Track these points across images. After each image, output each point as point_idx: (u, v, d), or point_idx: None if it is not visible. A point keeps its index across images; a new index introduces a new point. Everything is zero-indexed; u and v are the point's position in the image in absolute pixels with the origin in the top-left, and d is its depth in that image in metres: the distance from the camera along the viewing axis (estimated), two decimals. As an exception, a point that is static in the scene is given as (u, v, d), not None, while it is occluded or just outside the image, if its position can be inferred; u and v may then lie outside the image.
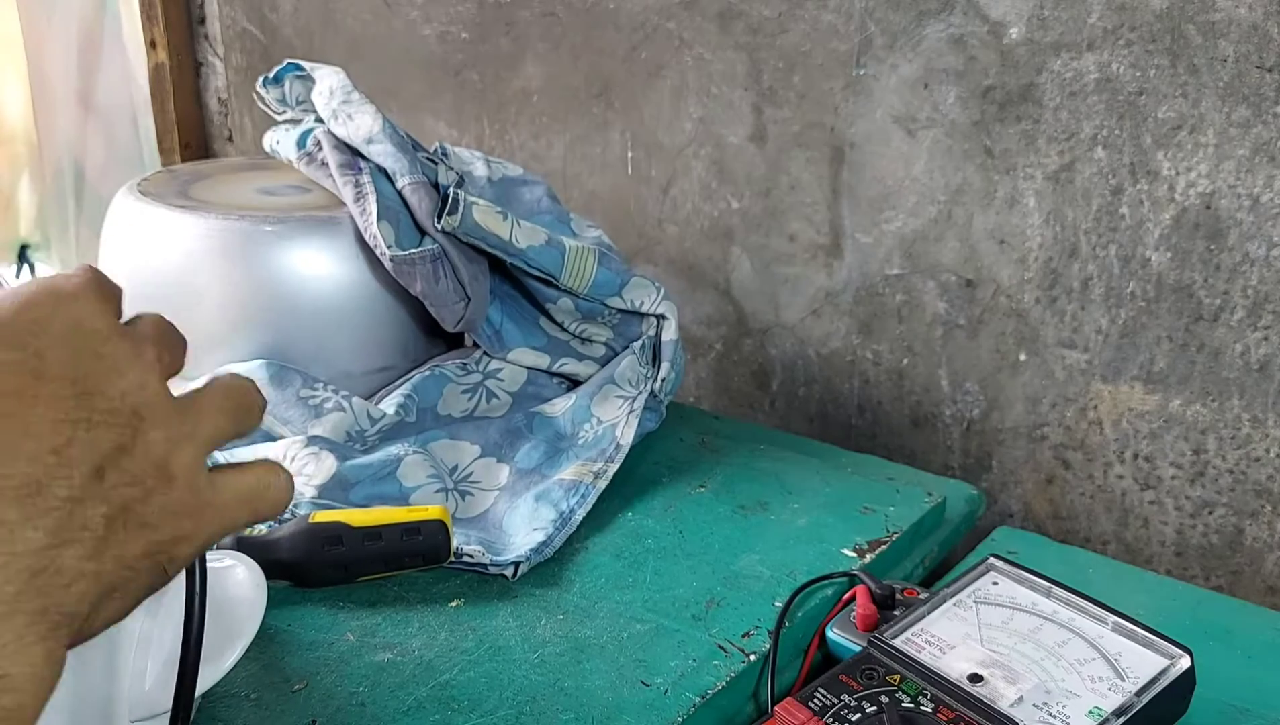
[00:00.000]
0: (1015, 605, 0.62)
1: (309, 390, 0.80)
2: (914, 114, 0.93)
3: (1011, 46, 0.87)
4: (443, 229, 0.81)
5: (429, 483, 0.76)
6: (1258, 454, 0.84)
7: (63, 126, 1.50)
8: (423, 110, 1.28)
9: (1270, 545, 0.85)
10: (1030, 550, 0.77)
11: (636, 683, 0.60)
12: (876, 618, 0.64)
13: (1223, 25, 0.78)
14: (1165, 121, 0.82)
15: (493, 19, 1.18)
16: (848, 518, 0.76)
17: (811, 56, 0.98)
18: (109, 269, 0.88)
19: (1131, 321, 0.87)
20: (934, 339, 0.97)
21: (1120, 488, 0.91)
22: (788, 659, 0.65)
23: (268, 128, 0.98)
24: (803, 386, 1.07)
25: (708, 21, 1.03)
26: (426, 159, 0.88)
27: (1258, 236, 0.80)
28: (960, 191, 0.92)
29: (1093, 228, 0.87)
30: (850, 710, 0.55)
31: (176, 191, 0.88)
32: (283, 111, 0.96)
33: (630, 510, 0.77)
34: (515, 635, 0.64)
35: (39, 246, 1.52)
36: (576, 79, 1.14)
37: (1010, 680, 0.57)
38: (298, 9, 1.39)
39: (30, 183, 1.50)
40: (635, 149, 1.12)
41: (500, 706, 0.58)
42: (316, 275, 0.82)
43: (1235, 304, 0.82)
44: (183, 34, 1.52)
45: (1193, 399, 0.85)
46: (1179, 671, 0.57)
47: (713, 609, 0.67)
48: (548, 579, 0.69)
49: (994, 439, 0.96)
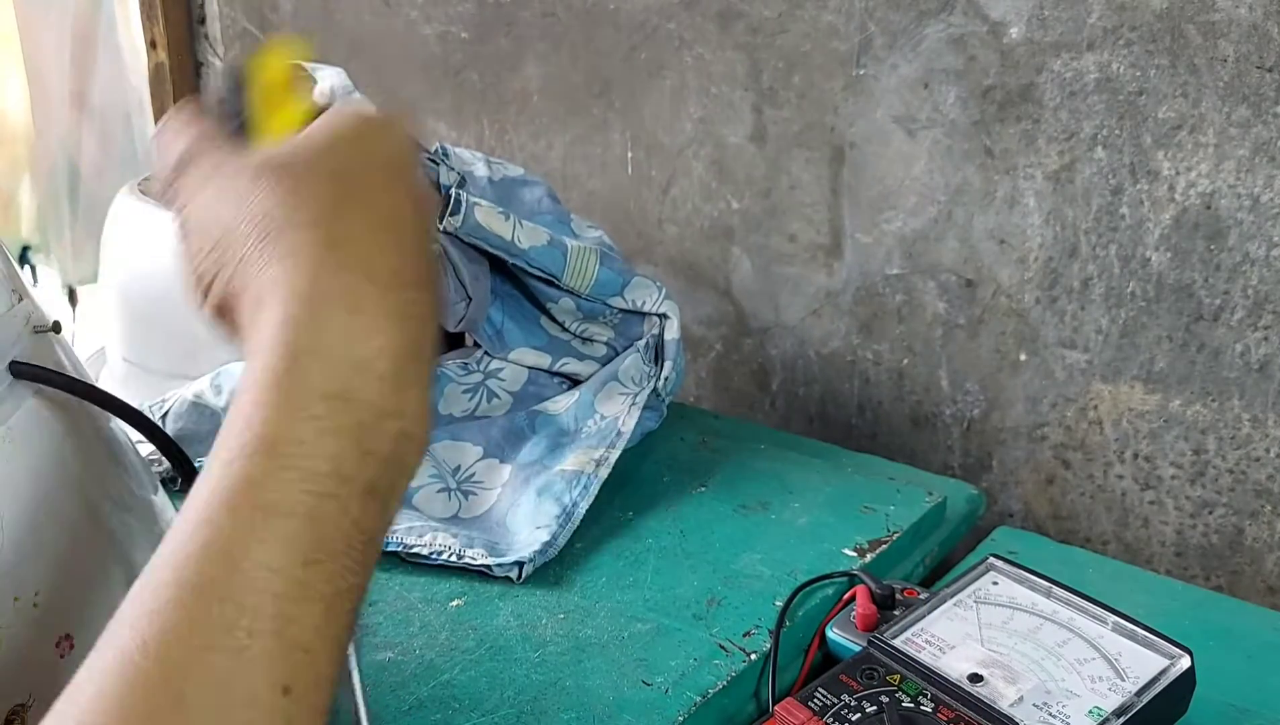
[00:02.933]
0: (1015, 605, 0.62)
1: (310, 390, 0.80)
2: (914, 114, 0.93)
3: (1011, 46, 0.87)
4: (445, 230, 0.81)
5: (431, 483, 0.76)
6: (1258, 454, 0.84)
7: (58, 127, 1.50)
8: (423, 110, 1.28)
9: (1270, 545, 0.85)
10: (1030, 550, 0.77)
11: (637, 682, 0.60)
12: (876, 617, 0.64)
13: (1223, 25, 0.78)
14: (1165, 121, 0.82)
15: (493, 19, 1.18)
16: (848, 517, 0.76)
17: (811, 56, 0.98)
18: (109, 269, 0.88)
19: (1131, 321, 0.87)
20: (934, 339, 0.97)
21: (1120, 488, 0.91)
22: (788, 658, 0.65)
23: (268, 128, 0.98)
24: (803, 386, 1.07)
25: (708, 21, 1.03)
26: (427, 159, 0.88)
27: (1258, 236, 0.80)
28: (960, 191, 0.92)
29: (1093, 228, 0.87)
30: (850, 710, 0.55)
31: (177, 191, 0.87)
32: (283, 112, 0.95)
33: (631, 510, 0.77)
34: (516, 634, 0.64)
35: (38, 248, 1.52)
36: (576, 79, 1.14)
37: (1010, 680, 0.57)
38: (298, 9, 1.39)
39: (31, 184, 1.50)
40: (635, 149, 1.12)
41: (501, 706, 0.58)
42: (317, 275, 0.82)
43: (1235, 304, 0.82)
44: (183, 34, 1.51)
45: (1193, 399, 0.86)
46: (1179, 671, 0.57)
47: (713, 608, 0.67)
48: (549, 578, 0.69)
49: (994, 439, 0.96)
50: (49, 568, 0.46)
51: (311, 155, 0.40)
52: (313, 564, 0.33)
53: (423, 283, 0.39)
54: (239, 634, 0.31)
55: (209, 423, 0.80)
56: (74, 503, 0.48)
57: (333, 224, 0.38)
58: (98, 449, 0.51)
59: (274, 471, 0.33)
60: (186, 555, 0.32)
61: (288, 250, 0.37)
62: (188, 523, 0.33)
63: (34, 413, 0.47)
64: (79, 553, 0.47)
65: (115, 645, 0.32)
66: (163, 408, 0.81)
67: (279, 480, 0.33)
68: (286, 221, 0.38)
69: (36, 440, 0.47)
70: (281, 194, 0.39)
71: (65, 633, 0.46)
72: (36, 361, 0.47)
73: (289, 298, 0.36)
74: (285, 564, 0.32)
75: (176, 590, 0.32)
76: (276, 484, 0.33)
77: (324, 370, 0.35)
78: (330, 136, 0.41)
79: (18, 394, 0.46)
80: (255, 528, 0.32)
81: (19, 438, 0.45)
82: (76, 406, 0.49)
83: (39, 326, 0.48)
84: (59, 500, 0.47)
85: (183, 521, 0.33)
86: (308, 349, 0.36)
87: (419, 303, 0.38)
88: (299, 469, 0.34)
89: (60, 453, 0.48)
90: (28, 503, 0.45)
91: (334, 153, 0.41)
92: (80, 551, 0.48)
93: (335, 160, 0.40)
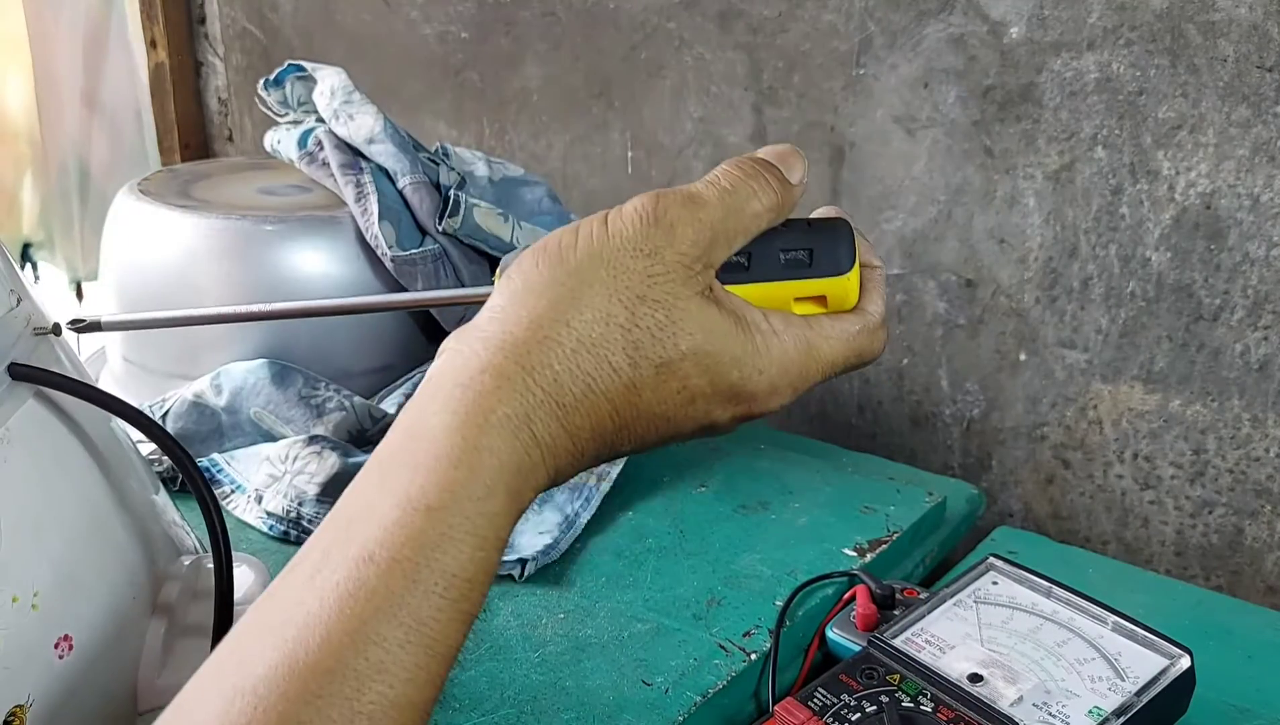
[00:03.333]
0: (1015, 605, 0.62)
1: (311, 390, 0.80)
2: (914, 114, 0.93)
3: (1011, 46, 0.87)
4: (444, 231, 0.81)
5: (430, 482, 0.76)
6: (1258, 454, 0.84)
7: (68, 125, 1.50)
8: (423, 110, 1.28)
9: (1270, 545, 0.85)
10: (1030, 550, 0.77)
11: (637, 682, 0.60)
12: (876, 617, 0.64)
13: (1223, 25, 0.78)
14: (1165, 121, 0.82)
15: (493, 19, 1.18)
16: (848, 517, 0.76)
17: (811, 56, 0.98)
18: (110, 269, 0.88)
19: (1131, 321, 0.87)
20: (934, 339, 0.97)
21: (1120, 487, 0.91)
22: (788, 658, 0.65)
23: (268, 128, 0.98)
24: (803, 386, 1.07)
25: (708, 21, 1.03)
26: (428, 159, 0.88)
27: (1258, 236, 0.80)
28: (960, 191, 0.92)
29: (1093, 227, 0.87)
30: (850, 710, 0.55)
31: (177, 191, 0.88)
32: (284, 114, 0.96)
33: (631, 510, 0.77)
34: (516, 634, 0.64)
35: (42, 245, 1.52)
36: (576, 79, 1.14)
37: (1010, 680, 0.57)
38: (298, 9, 1.39)
39: (34, 182, 1.50)
40: (635, 149, 1.12)
41: (501, 706, 0.58)
42: (317, 275, 0.82)
43: (1235, 304, 0.82)
44: (183, 33, 1.52)
45: (1193, 399, 0.86)
46: (1179, 671, 0.57)
47: (713, 608, 0.67)
48: (549, 578, 0.69)
49: (994, 439, 0.96)
50: (48, 568, 0.46)
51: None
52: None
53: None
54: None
55: (209, 423, 0.81)
56: (74, 503, 0.48)
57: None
58: (98, 449, 0.51)
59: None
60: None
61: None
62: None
63: (34, 413, 0.47)
64: (79, 553, 0.47)
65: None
66: (163, 408, 0.81)
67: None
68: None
69: (36, 441, 0.47)
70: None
71: (64, 633, 0.46)
72: (37, 362, 0.47)
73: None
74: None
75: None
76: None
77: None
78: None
79: (17, 395, 0.46)
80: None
81: (18, 439, 0.45)
82: (77, 406, 0.49)
83: (39, 329, 0.48)
84: (59, 501, 0.47)
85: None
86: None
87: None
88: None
89: (60, 453, 0.48)
90: (27, 504, 0.45)
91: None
92: (80, 552, 0.48)
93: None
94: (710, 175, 0.43)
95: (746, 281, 0.43)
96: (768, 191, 0.42)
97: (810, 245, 0.44)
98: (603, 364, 0.39)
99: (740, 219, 0.42)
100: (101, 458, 0.51)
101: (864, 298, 0.45)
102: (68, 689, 0.45)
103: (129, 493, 0.52)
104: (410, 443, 0.37)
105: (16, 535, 0.44)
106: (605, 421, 0.40)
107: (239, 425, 0.80)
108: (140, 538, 0.52)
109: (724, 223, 0.41)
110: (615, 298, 0.39)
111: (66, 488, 0.48)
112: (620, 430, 0.40)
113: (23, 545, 0.45)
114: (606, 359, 0.39)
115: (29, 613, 0.44)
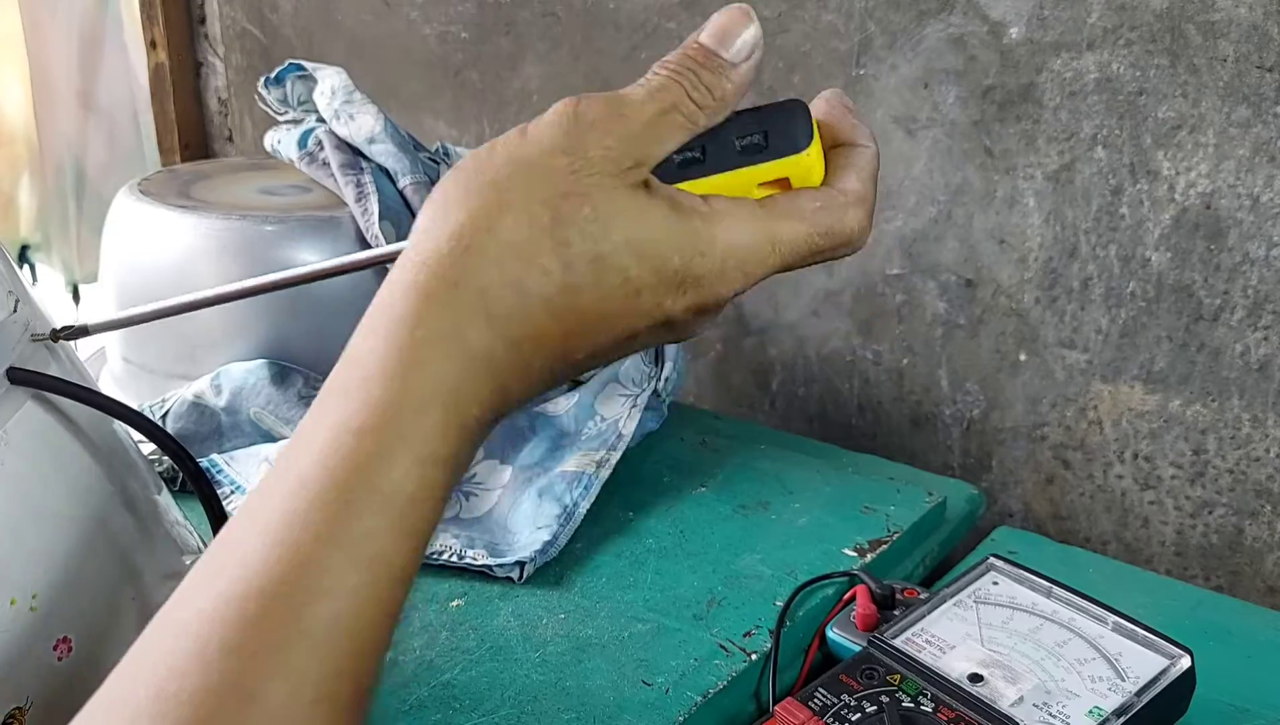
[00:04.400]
0: (1015, 605, 0.62)
1: (310, 390, 0.80)
2: (914, 114, 0.93)
3: (1011, 46, 0.87)
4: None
5: (430, 483, 0.76)
6: (1258, 454, 0.84)
7: (64, 126, 1.50)
8: (423, 110, 1.28)
9: (1270, 545, 0.85)
10: (1030, 550, 0.77)
11: (638, 682, 0.60)
12: (877, 617, 0.64)
13: (1223, 25, 0.78)
14: (1165, 121, 0.82)
15: (493, 19, 1.18)
16: (848, 517, 0.76)
17: (811, 56, 0.98)
18: (110, 269, 0.88)
19: (1131, 321, 0.87)
20: (934, 339, 0.97)
21: (1120, 488, 0.91)
22: (788, 658, 0.65)
23: (268, 128, 0.98)
24: (803, 386, 1.07)
25: (708, 21, 1.03)
26: (428, 159, 0.88)
27: (1258, 236, 0.80)
28: (960, 191, 0.92)
29: (1093, 228, 0.87)
30: (850, 710, 0.55)
31: (177, 191, 0.88)
32: (284, 113, 0.96)
33: (631, 510, 0.77)
34: (517, 635, 0.64)
35: (39, 246, 1.52)
36: (576, 79, 1.14)
37: (1010, 680, 0.57)
38: (298, 9, 1.39)
39: (30, 183, 1.50)
40: (635, 149, 1.12)
41: (502, 706, 0.58)
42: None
43: (1235, 304, 0.82)
44: (183, 34, 1.51)
45: (1193, 399, 0.86)
46: (1179, 671, 0.57)
47: (714, 608, 0.67)
48: (549, 578, 0.69)
49: (994, 439, 0.96)
50: (48, 570, 0.46)
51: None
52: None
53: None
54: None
55: (209, 423, 0.81)
56: (74, 505, 0.48)
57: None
58: (98, 450, 0.51)
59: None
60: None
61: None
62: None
63: (33, 415, 0.47)
64: (78, 555, 0.47)
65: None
66: (163, 408, 0.81)
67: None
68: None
69: (35, 443, 0.47)
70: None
71: (64, 635, 0.46)
72: (36, 365, 0.47)
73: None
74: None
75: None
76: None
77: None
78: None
79: (16, 398, 0.46)
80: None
81: (17, 441, 0.45)
82: (77, 407, 0.49)
83: (36, 335, 0.48)
84: (58, 503, 0.47)
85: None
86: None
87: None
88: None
89: (59, 454, 0.48)
90: (26, 506, 0.45)
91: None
92: (80, 553, 0.48)
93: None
94: (645, 76, 0.41)
95: (702, 175, 0.42)
96: (703, 84, 0.41)
97: (765, 128, 0.43)
98: (532, 267, 0.37)
99: (673, 115, 0.40)
100: (102, 458, 0.51)
101: (837, 175, 0.43)
102: (67, 690, 0.45)
103: (130, 493, 0.52)
104: (342, 371, 0.37)
105: (14, 537, 0.44)
106: (547, 328, 0.38)
107: (239, 425, 0.80)
108: (141, 538, 0.52)
109: (656, 120, 0.40)
110: (538, 199, 0.38)
111: (65, 489, 0.48)
112: (568, 337, 0.38)
113: (21, 547, 0.45)
114: (535, 261, 0.37)
115: (27, 614, 0.44)
